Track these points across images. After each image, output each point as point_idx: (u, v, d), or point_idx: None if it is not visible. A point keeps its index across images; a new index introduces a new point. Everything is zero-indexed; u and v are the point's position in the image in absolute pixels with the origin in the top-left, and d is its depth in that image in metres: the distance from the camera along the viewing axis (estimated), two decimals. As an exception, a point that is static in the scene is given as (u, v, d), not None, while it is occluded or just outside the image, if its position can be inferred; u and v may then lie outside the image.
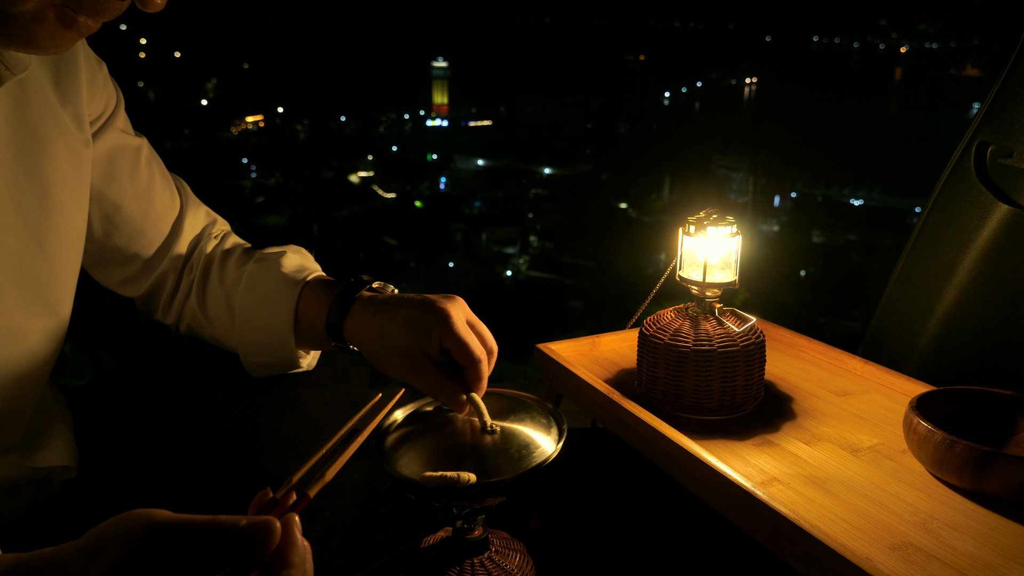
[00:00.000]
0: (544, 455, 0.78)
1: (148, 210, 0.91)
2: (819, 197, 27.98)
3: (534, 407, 0.87)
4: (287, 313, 0.88)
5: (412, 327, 0.81)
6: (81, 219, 0.81)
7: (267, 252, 0.95)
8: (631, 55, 54.78)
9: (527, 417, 0.85)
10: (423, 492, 0.78)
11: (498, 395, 0.88)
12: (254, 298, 0.90)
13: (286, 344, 0.90)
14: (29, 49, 0.59)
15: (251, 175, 30.28)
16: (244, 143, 33.84)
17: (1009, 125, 1.23)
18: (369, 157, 33.98)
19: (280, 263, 0.91)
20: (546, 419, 0.85)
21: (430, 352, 0.81)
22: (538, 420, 0.84)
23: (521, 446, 0.80)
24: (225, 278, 0.94)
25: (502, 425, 0.82)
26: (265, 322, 0.89)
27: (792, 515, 0.73)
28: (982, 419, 0.91)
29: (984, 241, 1.26)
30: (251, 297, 0.90)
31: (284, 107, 38.38)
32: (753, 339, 0.99)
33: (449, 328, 0.79)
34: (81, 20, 0.57)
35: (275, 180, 29.87)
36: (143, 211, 0.90)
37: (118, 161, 0.87)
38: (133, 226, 0.90)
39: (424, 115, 42.94)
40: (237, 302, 0.91)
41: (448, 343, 0.80)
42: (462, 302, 0.84)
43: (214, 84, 38.13)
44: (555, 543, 1.08)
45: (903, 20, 61.85)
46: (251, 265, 0.92)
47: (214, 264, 0.95)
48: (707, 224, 1.01)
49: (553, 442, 0.80)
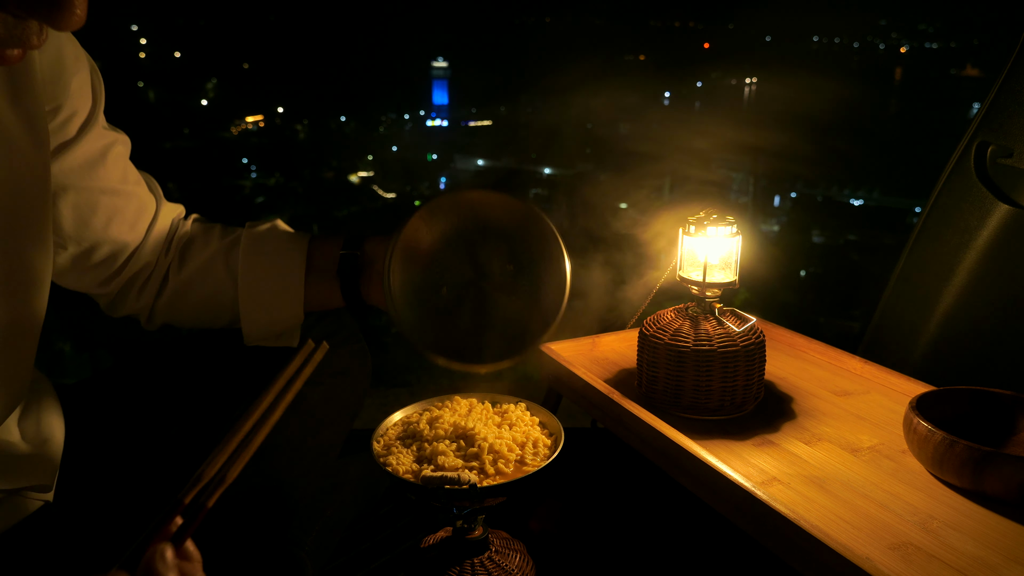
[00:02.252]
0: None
1: (128, 200, 0.91)
2: (819, 197, 27.95)
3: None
4: (299, 258, 0.94)
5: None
6: (38, 222, 0.78)
7: (256, 223, 0.99)
8: (631, 55, 54.75)
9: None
10: (423, 492, 0.78)
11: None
12: (259, 255, 0.95)
13: (295, 294, 0.94)
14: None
15: (251, 175, 30.26)
16: (244, 143, 33.81)
17: (1009, 125, 1.23)
18: (369, 157, 33.95)
19: (277, 223, 0.98)
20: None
21: None
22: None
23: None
24: (210, 244, 0.96)
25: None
26: (276, 271, 0.94)
27: (792, 515, 0.73)
28: (982, 419, 0.91)
29: (984, 241, 1.26)
30: (255, 254, 0.94)
31: (284, 107, 38.37)
32: (753, 339, 0.99)
33: None
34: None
35: (275, 180, 29.84)
36: (124, 201, 0.90)
37: (101, 157, 0.87)
38: (115, 216, 0.89)
39: (424, 115, 42.92)
40: (240, 260, 0.94)
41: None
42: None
43: (214, 84, 38.13)
44: (555, 543, 1.08)
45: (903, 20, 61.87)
46: (245, 230, 0.96)
47: (197, 238, 0.97)
48: (707, 224, 1.01)
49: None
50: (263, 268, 0.95)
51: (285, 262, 0.95)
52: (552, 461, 0.83)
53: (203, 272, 0.95)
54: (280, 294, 0.95)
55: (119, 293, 0.96)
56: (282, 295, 0.95)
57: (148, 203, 0.94)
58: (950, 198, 1.32)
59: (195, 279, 0.95)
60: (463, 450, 0.86)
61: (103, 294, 0.95)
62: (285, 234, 0.97)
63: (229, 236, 0.97)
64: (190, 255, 0.96)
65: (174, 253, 0.96)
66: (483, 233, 0.86)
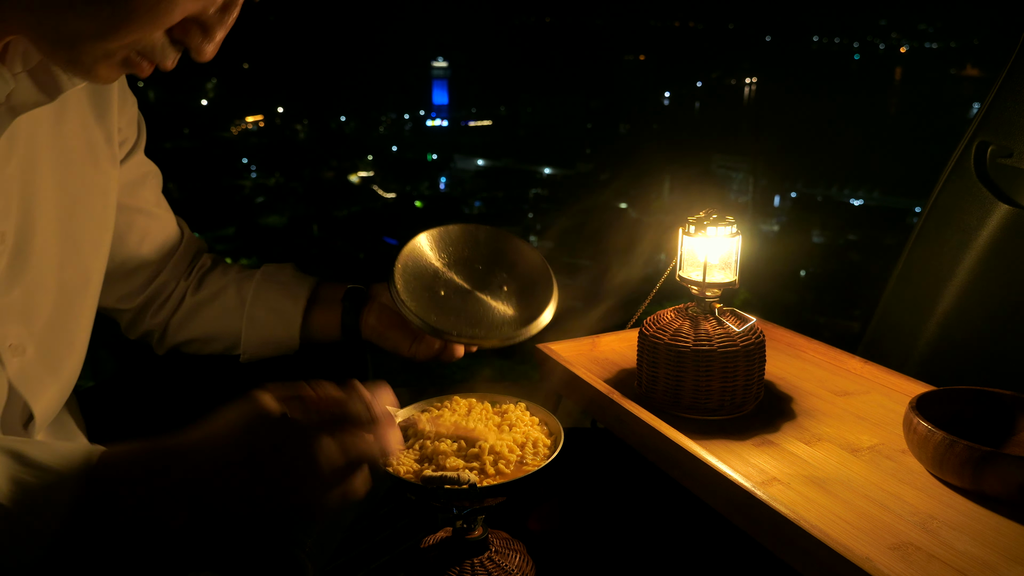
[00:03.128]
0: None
1: (160, 223, 1.02)
2: (819, 197, 27.95)
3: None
4: (305, 286, 1.06)
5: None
6: (107, 229, 0.90)
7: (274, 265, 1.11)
8: (631, 55, 54.75)
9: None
10: (423, 492, 0.78)
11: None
12: (270, 282, 1.05)
13: (294, 316, 1.04)
14: (83, 78, 0.65)
15: (251, 175, 30.24)
16: (244, 143, 33.79)
17: (1009, 125, 1.23)
18: (369, 157, 33.93)
19: (291, 266, 1.09)
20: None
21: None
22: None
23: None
24: (227, 274, 1.06)
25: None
26: (281, 294, 1.05)
27: (792, 515, 0.73)
28: (982, 419, 0.91)
29: (984, 241, 1.26)
30: (266, 282, 1.06)
31: (284, 107, 38.34)
32: (753, 339, 0.99)
33: None
34: (141, 65, 0.64)
35: (275, 180, 29.82)
36: (157, 223, 1.02)
37: (142, 181, 0.99)
38: (148, 235, 1.01)
39: (424, 115, 42.90)
40: (252, 288, 1.05)
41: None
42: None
43: (214, 84, 38.10)
44: (555, 543, 1.08)
45: (903, 20, 61.85)
46: (262, 268, 1.07)
47: (217, 268, 1.08)
48: (707, 224, 1.01)
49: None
50: (269, 292, 1.04)
51: (291, 290, 1.05)
52: (552, 461, 0.83)
53: (216, 295, 1.05)
54: (280, 313, 1.04)
55: (140, 311, 1.04)
56: (281, 315, 1.04)
57: (175, 231, 1.06)
58: (950, 198, 1.32)
59: (207, 300, 1.04)
60: (463, 450, 0.86)
61: (126, 310, 1.04)
62: (298, 272, 1.08)
63: (246, 271, 1.08)
64: (208, 281, 1.06)
65: (194, 279, 1.06)
66: (482, 255, 1.02)
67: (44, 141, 0.79)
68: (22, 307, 0.78)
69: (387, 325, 1.03)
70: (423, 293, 0.96)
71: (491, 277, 1.00)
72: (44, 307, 0.81)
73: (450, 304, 0.97)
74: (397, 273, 0.96)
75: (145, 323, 1.05)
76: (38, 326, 0.81)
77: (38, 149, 0.79)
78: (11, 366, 0.78)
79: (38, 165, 0.79)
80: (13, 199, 0.76)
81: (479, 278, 1.01)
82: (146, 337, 1.07)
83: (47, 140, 0.80)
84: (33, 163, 0.78)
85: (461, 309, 0.97)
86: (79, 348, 0.87)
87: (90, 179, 0.86)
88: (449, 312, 0.96)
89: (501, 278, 1.01)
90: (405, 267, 0.96)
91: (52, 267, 0.81)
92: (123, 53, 0.63)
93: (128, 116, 0.94)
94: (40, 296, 0.80)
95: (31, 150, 0.78)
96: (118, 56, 0.63)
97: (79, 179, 0.85)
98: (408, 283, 0.95)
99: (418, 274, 0.97)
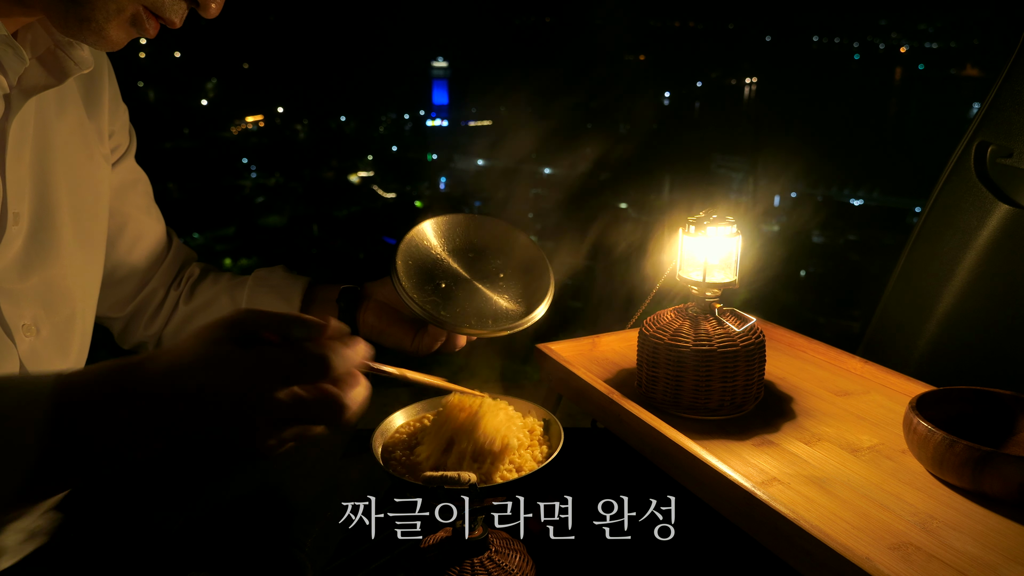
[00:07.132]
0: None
1: (150, 229, 1.04)
2: (819, 197, 27.93)
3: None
4: (299, 287, 1.06)
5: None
6: (105, 220, 0.92)
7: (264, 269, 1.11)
8: (631, 55, 54.74)
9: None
10: (423, 492, 0.78)
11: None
12: (263, 286, 1.05)
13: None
14: (95, 39, 0.68)
15: (251, 175, 30.22)
16: (244, 143, 33.76)
17: (1009, 125, 1.23)
18: (369, 157, 33.91)
19: (282, 268, 1.09)
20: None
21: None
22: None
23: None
24: (219, 280, 1.07)
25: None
26: (275, 295, 1.05)
27: (792, 515, 0.73)
28: (982, 419, 0.91)
29: (984, 241, 1.26)
30: (259, 286, 1.05)
31: (284, 107, 38.33)
32: (753, 339, 0.99)
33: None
34: (149, 23, 0.67)
35: (275, 180, 29.80)
36: (148, 229, 1.03)
37: (133, 186, 1.00)
38: (139, 241, 1.02)
39: (424, 115, 42.89)
40: (244, 295, 1.04)
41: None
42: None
43: (214, 84, 38.10)
44: (555, 543, 1.07)
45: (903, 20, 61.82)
46: (254, 274, 1.07)
47: (207, 277, 1.08)
48: (707, 224, 1.01)
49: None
50: (263, 296, 1.05)
51: (284, 292, 1.06)
52: (552, 461, 0.83)
53: (209, 303, 1.06)
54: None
55: (131, 319, 1.05)
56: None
57: (164, 239, 1.07)
58: (950, 198, 1.32)
59: (201, 308, 1.05)
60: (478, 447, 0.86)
61: (117, 318, 1.05)
62: (289, 274, 1.09)
63: (238, 278, 1.08)
64: (199, 290, 1.07)
65: (185, 288, 1.07)
66: (481, 247, 1.03)
67: (53, 130, 0.83)
68: (39, 289, 0.81)
69: (388, 322, 1.03)
70: (424, 282, 0.97)
71: (489, 267, 1.01)
72: (58, 290, 0.84)
73: (450, 293, 0.98)
74: (399, 261, 0.96)
75: (138, 334, 1.06)
76: (51, 308, 0.83)
77: (49, 136, 0.82)
78: (23, 345, 0.80)
79: (50, 153, 0.82)
80: (26, 183, 0.79)
81: (478, 268, 1.01)
82: (141, 349, 1.07)
83: (55, 130, 0.83)
84: (45, 150, 0.81)
85: (461, 298, 0.98)
86: (86, 330, 0.90)
87: (89, 171, 0.89)
88: (450, 301, 0.97)
89: (499, 267, 1.02)
90: (407, 256, 0.97)
91: (67, 251, 0.84)
92: (133, 7, 0.66)
93: (121, 121, 0.97)
94: (56, 279, 0.83)
95: (42, 138, 0.81)
96: (128, 11, 0.65)
97: (82, 170, 0.88)
98: (410, 272, 0.96)
99: (419, 263, 0.98)
